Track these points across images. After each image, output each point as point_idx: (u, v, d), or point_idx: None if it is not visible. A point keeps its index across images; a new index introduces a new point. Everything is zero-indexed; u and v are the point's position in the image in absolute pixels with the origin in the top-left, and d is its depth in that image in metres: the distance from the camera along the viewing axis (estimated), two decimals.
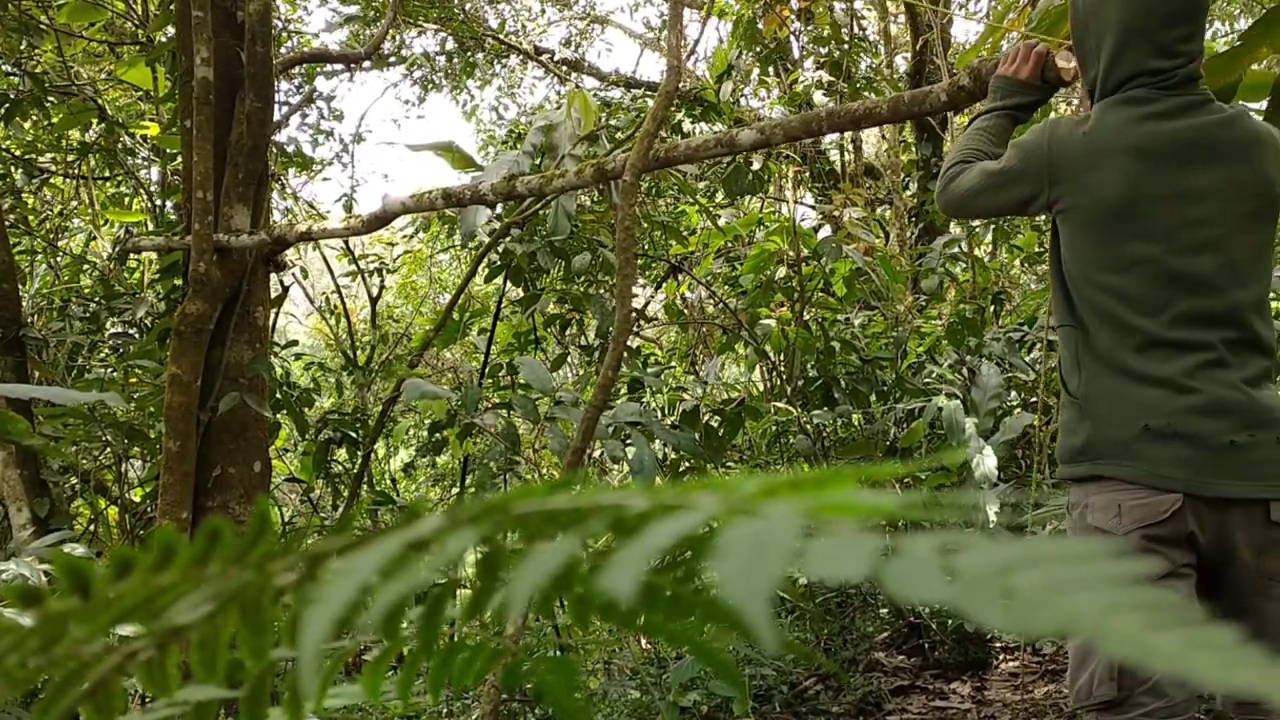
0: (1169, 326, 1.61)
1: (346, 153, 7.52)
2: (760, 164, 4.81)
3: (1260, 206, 1.64)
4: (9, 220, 4.50)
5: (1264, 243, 1.64)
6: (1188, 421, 1.58)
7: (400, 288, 8.30)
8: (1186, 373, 1.60)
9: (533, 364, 3.60)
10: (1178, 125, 1.64)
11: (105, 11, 4.69)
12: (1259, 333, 1.61)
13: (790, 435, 4.59)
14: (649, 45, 10.58)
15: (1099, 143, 1.66)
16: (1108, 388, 1.65)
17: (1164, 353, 1.61)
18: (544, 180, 2.93)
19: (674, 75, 2.62)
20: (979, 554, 0.27)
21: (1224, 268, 1.61)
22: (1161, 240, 1.62)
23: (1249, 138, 1.64)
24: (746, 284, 4.57)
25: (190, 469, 3.20)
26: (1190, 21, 1.65)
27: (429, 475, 7.03)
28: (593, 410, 2.43)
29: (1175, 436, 1.58)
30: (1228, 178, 1.62)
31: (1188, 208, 1.62)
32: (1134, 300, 1.63)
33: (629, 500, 0.32)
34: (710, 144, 2.60)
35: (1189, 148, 1.63)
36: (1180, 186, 1.62)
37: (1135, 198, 1.63)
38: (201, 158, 3.22)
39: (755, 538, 0.28)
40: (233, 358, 3.42)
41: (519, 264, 4.12)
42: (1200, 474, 1.58)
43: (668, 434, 3.39)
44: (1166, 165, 1.63)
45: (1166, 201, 1.62)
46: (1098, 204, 1.66)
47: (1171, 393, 1.60)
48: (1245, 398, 1.58)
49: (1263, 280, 1.64)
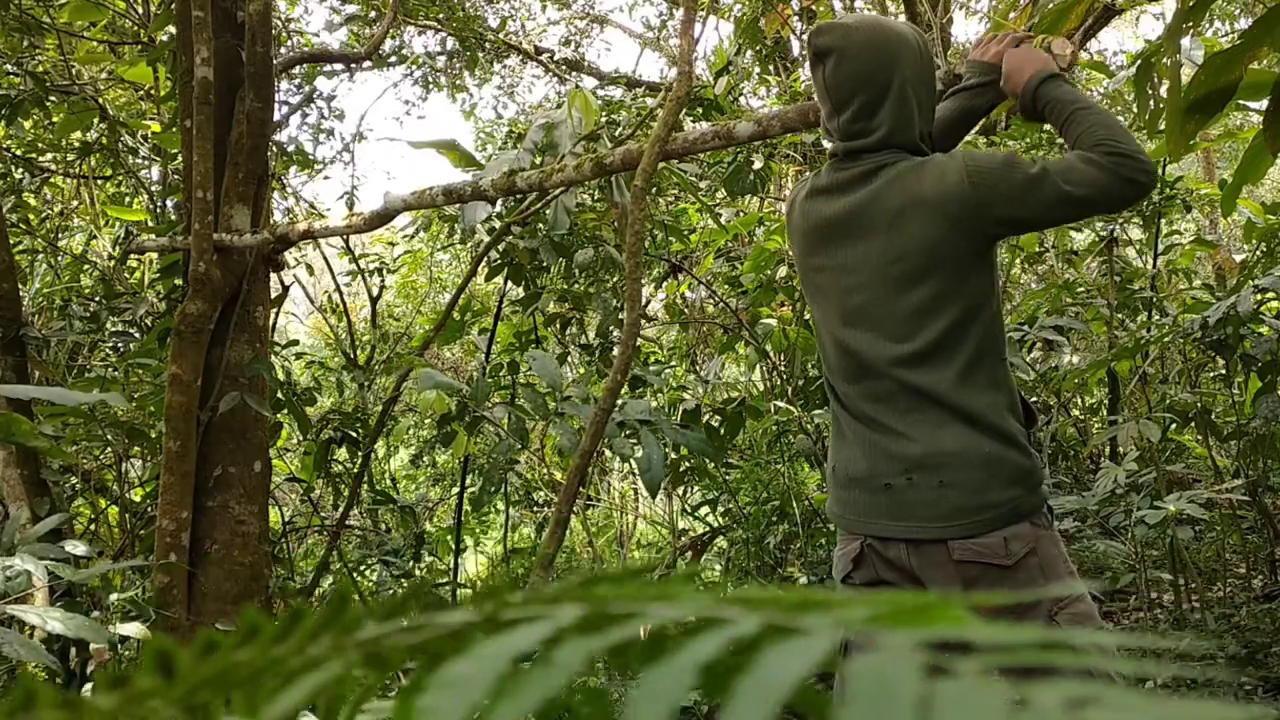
0: (844, 381, 1.76)
1: (348, 151, 7.53)
2: (762, 163, 4.81)
3: (912, 268, 1.67)
4: (9, 220, 4.51)
5: (931, 297, 1.66)
6: (852, 466, 1.72)
7: (400, 287, 8.30)
8: (855, 419, 1.73)
9: (542, 358, 3.59)
10: (834, 204, 1.75)
11: (106, 11, 4.69)
12: (920, 383, 1.65)
13: (791, 435, 4.59)
14: (648, 44, 10.57)
15: (791, 222, 1.87)
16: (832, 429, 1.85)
17: (840, 404, 1.77)
18: (544, 175, 2.93)
19: (685, 80, 2.61)
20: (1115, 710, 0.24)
21: (878, 329, 1.70)
22: (827, 308, 1.78)
23: (904, 202, 1.67)
24: (747, 283, 4.57)
25: (191, 469, 3.20)
26: (847, 107, 1.72)
27: (429, 475, 7.03)
28: (601, 413, 2.42)
29: (850, 482, 1.72)
30: (871, 249, 1.71)
31: (843, 278, 1.74)
32: (826, 358, 1.81)
33: (737, 617, 0.29)
34: (708, 136, 2.60)
35: (838, 226, 1.75)
36: (835, 260, 1.75)
37: (809, 269, 1.81)
38: (202, 157, 3.22)
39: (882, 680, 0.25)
40: (233, 357, 3.42)
41: (519, 262, 4.11)
42: (869, 515, 1.68)
43: (677, 433, 3.38)
44: (822, 242, 1.77)
45: (827, 273, 1.77)
46: (799, 271, 1.87)
47: (843, 440, 1.75)
48: (905, 443, 1.65)
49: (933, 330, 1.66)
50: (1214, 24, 7.91)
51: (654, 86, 8.92)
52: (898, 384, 1.67)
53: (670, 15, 9.66)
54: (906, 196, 1.67)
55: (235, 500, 3.35)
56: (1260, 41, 1.78)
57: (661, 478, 3.28)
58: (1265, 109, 1.84)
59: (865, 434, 1.70)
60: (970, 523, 1.59)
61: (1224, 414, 4.40)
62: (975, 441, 1.61)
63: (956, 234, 1.65)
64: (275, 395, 3.79)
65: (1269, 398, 3.45)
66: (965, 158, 1.66)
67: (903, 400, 1.66)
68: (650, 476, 3.21)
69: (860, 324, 1.71)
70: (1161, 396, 4.20)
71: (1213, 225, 7.72)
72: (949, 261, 1.66)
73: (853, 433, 1.73)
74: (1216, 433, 4.09)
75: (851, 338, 1.72)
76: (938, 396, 1.64)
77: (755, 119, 2.54)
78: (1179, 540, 3.42)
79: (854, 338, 1.72)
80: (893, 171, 1.70)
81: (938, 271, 1.66)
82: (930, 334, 1.65)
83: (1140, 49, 2.79)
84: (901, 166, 1.70)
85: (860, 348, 1.71)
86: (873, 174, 1.72)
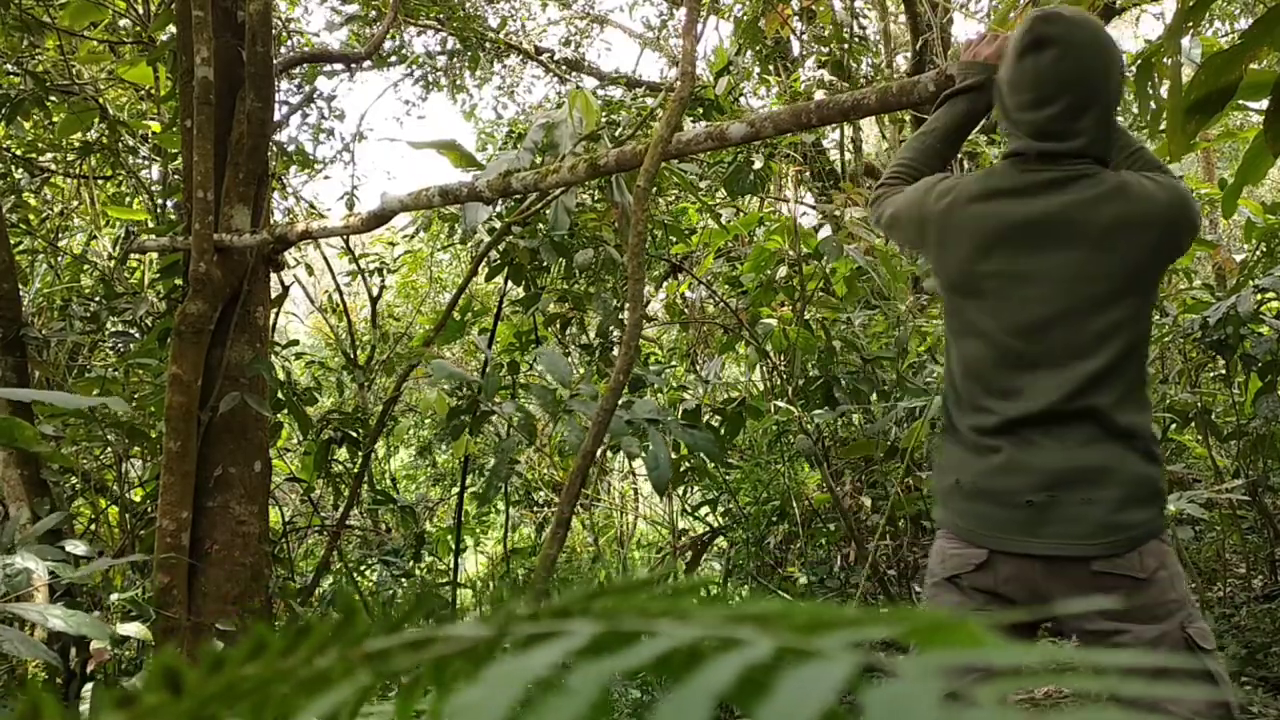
0: (987, 392, 1.69)
1: (348, 151, 7.53)
2: (761, 163, 4.80)
3: (1111, 289, 1.63)
4: (10, 220, 4.50)
5: (1119, 319, 1.63)
6: (983, 480, 1.67)
7: (400, 287, 8.30)
8: (994, 433, 1.67)
9: (551, 354, 3.58)
10: (1025, 207, 1.67)
11: (106, 11, 4.69)
12: (1088, 402, 1.62)
13: (791, 435, 4.59)
14: (648, 45, 10.57)
15: (951, 219, 1.74)
16: (947, 441, 1.78)
17: (975, 413, 1.71)
18: (539, 176, 2.93)
19: (688, 81, 2.61)
20: None
21: (1058, 344, 1.64)
22: (993, 314, 1.69)
23: (1116, 220, 1.62)
24: (747, 283, 4.57)
25: (191, 469, 3.20)
26: (1052, 103, 1.65)
27: (429, 475, 7.03)
28: (603, 414, 2.42)
29: (979, 494, 1.67)
30: (1069, 261, 1.63)
31: (1022, 287, 1.66)
32: (969, 366, 1.72)
33: (752, 638, 0.29)
34: (701, 137, 2.60)
35: (1030, 231, 1.66)
36: (1015, 266, 1.67)
37: (976, 274, 1.70)
38: (202, 157, 3.22)
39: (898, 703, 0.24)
40: (233, 357, 3.42)
41: (520, 262, 4.11)
42: (1002, 530, 1.64)
43: (683, 432, 3.38)
44: (1004, 245, 1.68)
45: (1001, 280, 1.68)
46: (947, 275, 1.76)
47: (978, 453, 1.69)
48: (1050, 460, 1.62)
49: (1111, 351, 1.63)
50: (1214, 24, 7.91)
51: (654, 86, 8.92)
52: (1063, 400, 1.62)
53: (671, 15, 9.66)
54: (1119, 214, 1.62)
55: (235, 500, 3.35)
56: (1260, 41, 1.78)
57: (669, 476, 3.28)
58: (1265, 109, 1.84)
59: (1006, 447, 1.65)
60: (1112, 541, 1.58)
61: (1224, 414, 4.40)
62: (1126, 460, 1.61)
63: (1158, 258, 1.65)
64: (275, 395, 3.79)
65: (1269, 398, 3.45)
66: (1166, 181, 1.66)
67: (1061, 416, 1.63)
68: (658, 475, 3.21)
69: (1037, 337, 1.65)
70: (1162, 396, 4.20)
71: (1213, 225, 7.72)
72: (1144, 286, 1.65)
73: (987, 445, 1.67)
74: (1217, 433, 4.09)
75: (1021, 349, 1.66)
76: (1099, 415, 1.61)
77: (748, 120, 2.53)
78: (1179, 540, 3.43)
79: (1025, 349, 1.66)
80: (1099, 184, 1.64)
81: (1131, 295, 1.64)
82: (1109, 355, 1.62)
83: (1140, 49, 2.78)
84: (1108, 179, 1.65)
85: (1030, 361, 1.65)
86: (1070, 182, 1.65)
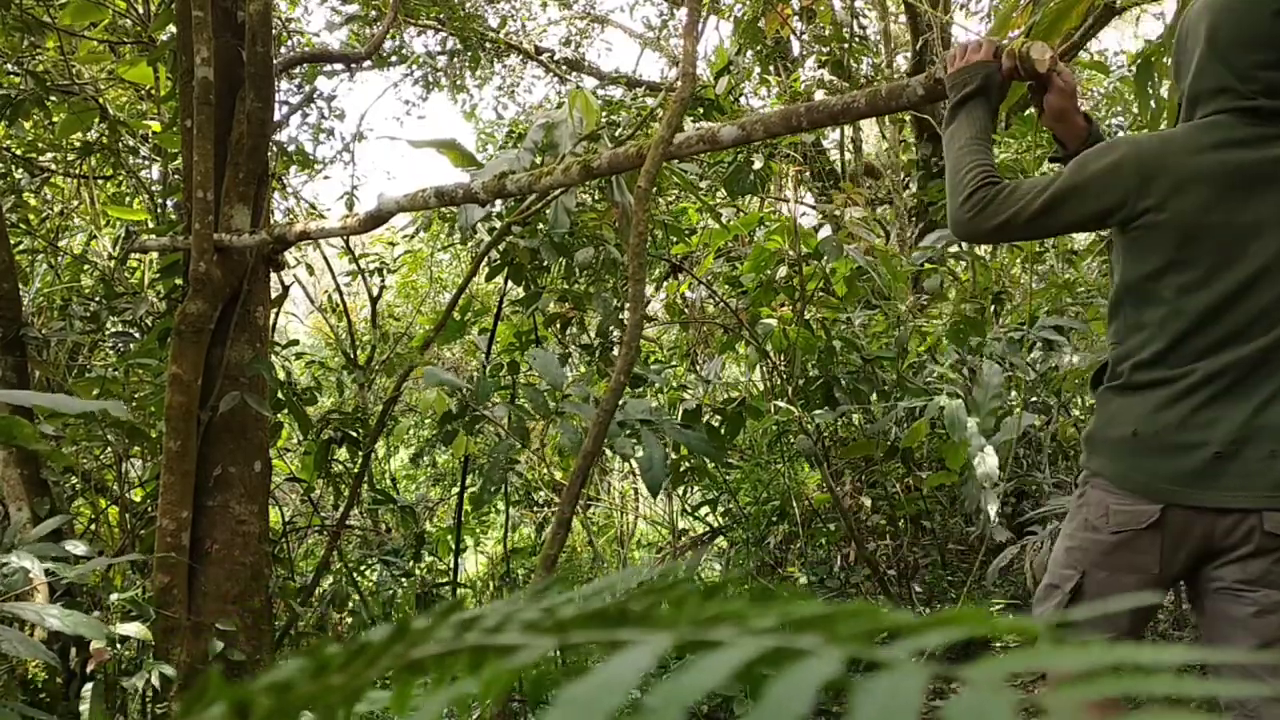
0: (1187, 344, 1.66)
1: (348, 151, 7.53)
2: (762, 163, 4.80)
3: None
4: (10, 220, 4.50)
5: None
6: (1175, 433, 1.65)
7: (400, 287, 8.30)
8: (1187, 389, 1.65)
9: (544, 356, 3.58)
10: (1257, 153, 1.64)
11: (106, 11, 4.69)
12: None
13: (791, 435, 4.59)
14: (649, 45, 10.57)
15: (1177, 166, 1.67)
16: (1119, 395, 1.73)
17: (1175, 367, 1.67)
18: (534, 178, 2.93)
19: (689, 82, 2.61)
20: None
21: (1264, 299, 1.63)
22: (1214, 269, 1.65)
23: None
24: (747, 283, 4.57)
25: (191, 468, 3.20)
26: (1271, 48, 1.63)
27: (429, 475, 7.03)
28: (604, 414, 2.42)
29: (1162, 447, 1.65)
30: None
31: (1248, 241, 1.64)
32: (1172, 317, 1.67)
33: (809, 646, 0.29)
34: (693, 140, 2.60)
35: (1262, 174, 1.64)
36: (1242, 217, 1.64)
37: (1200, 224, 1.65)
38: (202, 157, 3.22)
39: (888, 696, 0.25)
40: (233, 357, 3.42)
41: (520, 262, 4.11)
42: (1181, 484, 1.63)
43: (678, 432, 3.38)
44: (1231, 195, 1.64)
45: (1230, 229, 1.64)
46: (1170, 225, 1.67)
47: (1167, 405, 1.66)
48: (1241, 415, 1.62)
49: None
50: None
51: (654, 86, 8.92)
52: (1262, 353, 1.63)
53: (671, 15, 9.66)
54: None
55: (235, 500, 3.35)
56: None
57: (663, 477, 3.28)
58: None
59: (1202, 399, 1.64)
60: None
61: None
62: None
63: None
64: (275, 395, 3.79)
65: None
66: None
67: (1260, 367, 1.63)
68: (651, 476, 3.21)
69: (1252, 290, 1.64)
70: None
71: None
72: None
73: (1178, 396, 1.66)
74: None
75: (1236, 299, 1.65)
76: None
77: (739, 123, 2.54)
78: None
79: (1239, 301, 1.64)
80: None
81: None
82: None
83: (1140, 49, 2.78)
84: None
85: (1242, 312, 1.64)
86: None
